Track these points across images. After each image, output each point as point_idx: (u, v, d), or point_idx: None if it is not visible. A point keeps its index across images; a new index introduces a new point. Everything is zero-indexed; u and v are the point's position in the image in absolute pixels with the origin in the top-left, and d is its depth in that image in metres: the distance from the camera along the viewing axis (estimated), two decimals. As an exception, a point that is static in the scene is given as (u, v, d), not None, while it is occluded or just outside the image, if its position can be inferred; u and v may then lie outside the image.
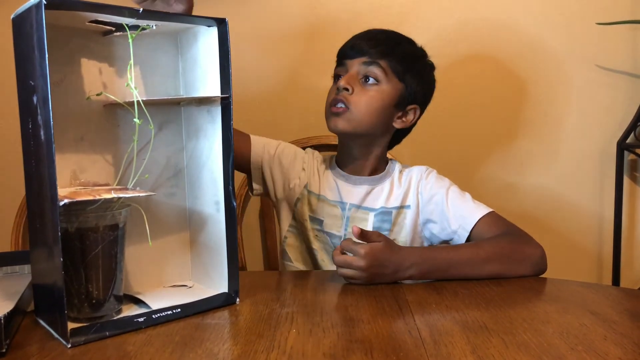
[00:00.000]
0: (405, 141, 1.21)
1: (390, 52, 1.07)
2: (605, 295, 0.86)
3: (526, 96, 1.54)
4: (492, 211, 1.04)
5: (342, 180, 1.15)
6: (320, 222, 1.13)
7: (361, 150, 1.13)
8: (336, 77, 1.11)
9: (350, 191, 1.13)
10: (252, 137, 1.18)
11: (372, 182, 1.14)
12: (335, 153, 1.23)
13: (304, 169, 1.17)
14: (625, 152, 1.51)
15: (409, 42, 1.13)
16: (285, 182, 1.17)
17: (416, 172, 1.14)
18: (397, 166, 1.17)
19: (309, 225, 1.14)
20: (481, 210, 1.04)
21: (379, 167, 1.16)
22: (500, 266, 0.92)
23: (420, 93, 1.12)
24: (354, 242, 0.90)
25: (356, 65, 1.06)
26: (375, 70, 1.06)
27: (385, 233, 1.08)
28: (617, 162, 1.50)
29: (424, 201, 1.11)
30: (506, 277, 0.93)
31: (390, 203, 1.12)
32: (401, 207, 1.12)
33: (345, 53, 1.09)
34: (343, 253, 0.90)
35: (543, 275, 0.96)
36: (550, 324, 0.71)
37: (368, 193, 1.13)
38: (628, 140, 1.49)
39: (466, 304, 0.79)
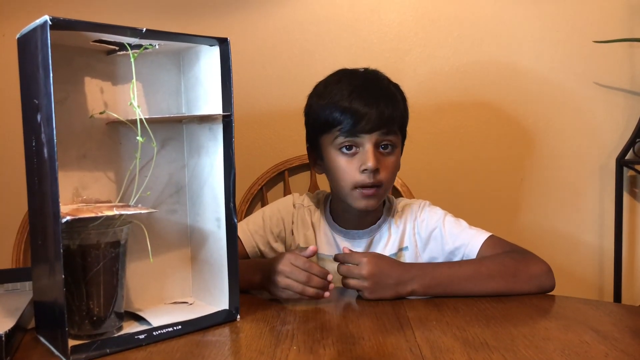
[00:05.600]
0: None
1: (399, 114, 1.04)
2: (606, 312, 0.86)
3: (525, 113, 1.55)
4: (492, 235, 1.03)
5: (340, 236, 1.11)
6: None
7: (364, 212, 1.07)
8: (346, 147, 1.01)
9: (350, 247, 1.06)
10: (240, 234, 1.07)
11: (370, 233, 1.10)
12: (325, 190, 1.20)
13: (293, 233, 1.13)
14: (625, 168, 1.51)
15: (397, 90, 1.08)
16: (286, 247, 1.14)
17: (410, 211, 1.11)
18: (393, 207, 1.13)
19: None
20: (481, 235, 1.03)
21: (376, 215, 1.11)
22: (505, 283, 0.92)
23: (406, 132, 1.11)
24: (354, 251, 0.91)
25: (374, 138, 0.99)
26: (393, 137, 1.02)
27: None
28: (616, 178, 1.50)
29: (423, 241, 1.09)
30: (512, 294, 0.92)
31: (388, 250, 1.09)
32: (399, 250, 1.10)
33: (359, 126, 0.98)
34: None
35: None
36: (552, 341, 0.71)
37: (368, 246, 1.10)
38: (627, 157, 1.49)
39: (467, 321, 0.79)
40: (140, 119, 0.75)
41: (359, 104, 0.99)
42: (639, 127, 1.48)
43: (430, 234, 1.08)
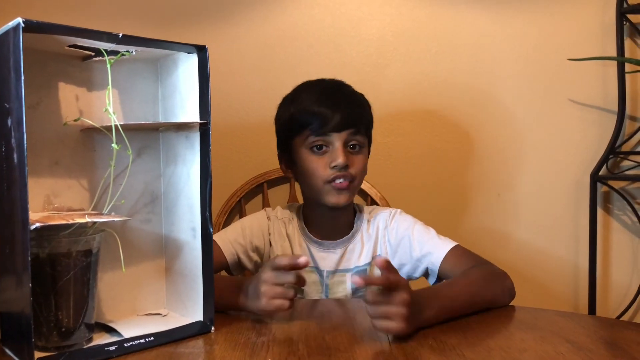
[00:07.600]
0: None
1: (366, 117, 1.10)
2: (581, 324, 0.87)
3: (501, 129, 1.57)
4: (457, 244, 1.05)
5: (315, 246, 1.12)
6: (300, 290, 1.08)
7: (337, 213, 1.10)
8: (316, 146, 1.04)
9: (324, 257, 1.09)
10: (219, 242, 1.08)
11: (344, 243, 1.12)
12: (296, 202, 1.20)
13: (271, 244, 1.14)
14: (599, 184, 1.53)
15: (362, 96, 1.12)
16: (263, 259, 1.14)
17: (381, 220, 1.13)
18: (365, 216, 1.15)
19: None
20: (447, 244, 1.04)
21: (349, 223, 1.14)
22: (483, 298, 0.91)
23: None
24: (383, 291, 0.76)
25: (344, 137, 1.04)
26: (361, 138, 1.07)
27: (363, 289, 1.05)
28: (590, 194, 1.52)
29: (393, 248, 1.11)
30: (491, 307, 0.91)
31: (362, 260, 1.11)
32: (373, 259, 1.11)
33: (329, 125, 1.03)
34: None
35: (521, 305, 0.95)
36: (527, 352, 0.71)
37: (342, 256, 1.11)
38: (601, 173, 1.52)
39: (444, 332, 0.79)
40: (116, 126, 0.74)
41: (328, 105, 1.05)
42: (612, 144, 1.51)
43: (400, 241, 1.10)
